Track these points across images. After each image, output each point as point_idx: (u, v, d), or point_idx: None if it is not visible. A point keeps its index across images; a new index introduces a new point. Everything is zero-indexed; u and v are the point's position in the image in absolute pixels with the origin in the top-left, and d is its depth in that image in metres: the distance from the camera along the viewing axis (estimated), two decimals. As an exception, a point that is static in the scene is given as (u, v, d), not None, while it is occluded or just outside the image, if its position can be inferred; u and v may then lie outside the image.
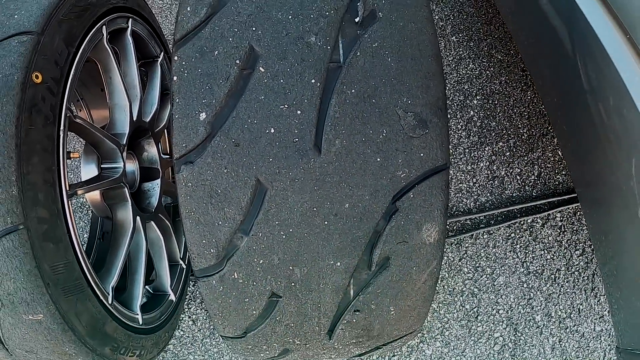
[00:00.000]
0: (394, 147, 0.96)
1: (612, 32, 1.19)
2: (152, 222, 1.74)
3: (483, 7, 2.89)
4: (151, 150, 1.88)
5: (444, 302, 2.05)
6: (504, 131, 2.43)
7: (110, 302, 1.35)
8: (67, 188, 1.21)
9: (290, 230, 0.97)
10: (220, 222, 0.95)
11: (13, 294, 1.08)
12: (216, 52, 0.94)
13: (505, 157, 2.37)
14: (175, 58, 0.94)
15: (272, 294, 1.04)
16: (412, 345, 1.98)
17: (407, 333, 1.21)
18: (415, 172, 0.98)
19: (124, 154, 1.56)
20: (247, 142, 0.93)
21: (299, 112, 0.92)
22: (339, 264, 1.01)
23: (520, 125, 2.45)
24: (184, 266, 1.95)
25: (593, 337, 1.97)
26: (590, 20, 1.25)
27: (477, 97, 2.54)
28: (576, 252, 2.12)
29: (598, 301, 2.03)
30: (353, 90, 0.94)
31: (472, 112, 2.49)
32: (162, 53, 1.88)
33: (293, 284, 1.03)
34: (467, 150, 2.32)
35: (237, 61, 0.93)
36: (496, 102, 2.52)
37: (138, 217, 1.61)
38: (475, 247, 2.15)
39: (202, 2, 0.97)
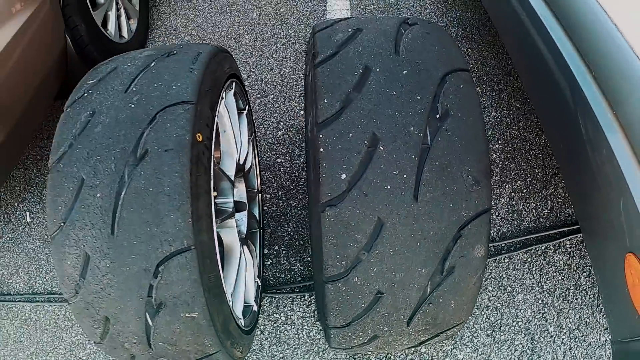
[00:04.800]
0: (460, 198, 1.18)
1: (600, 103, 1.33)
2: (244, 246, 1.87)
3: (503, 59, 3.03)
4: (241, 187, 2.06)
5: (472, 315, 2.11)
6: (522, 171, 2.54)
7: (232, 306, 1.50)
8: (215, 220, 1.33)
9: (396, 248, 1.17)
10: (351, 244, 1.15)
11: (177, 297, 1.19)
12: (350, 135, 1.15)
13: (523, 194, 2.46)
14: (320, 136, 1.14)
15: (378, 291, 1.21)
16: (447, 350, 2.04)
17: (458, 323, 1.37)
18: (472, 212, 1.19)
19: (234, 191, 1.71)
20: (373, 193, 1.13)
21: (405, 175, 1.14)
22: (423, 270, 1.20)
23: (535, 166, 2.56)
24: (260, 283, 2.05)
25: (599, 346, 2.02)
26: (584, 90, 1.39)
27: (499, 142, 2.66)
28: (583, 274, 2.20)
29: (603, 315, 2.07)
30: (437, 162, 1.16)
31: (494, 155, 2.62)
32: (247, 106, 2.03)
33: (393, 284, 1.20)
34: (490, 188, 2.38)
35: (365, 142, 1.14)
36: (515, 146, 2.63)
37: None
38: (498, 269, 2.24)
39: (336, 98, 1.18)
